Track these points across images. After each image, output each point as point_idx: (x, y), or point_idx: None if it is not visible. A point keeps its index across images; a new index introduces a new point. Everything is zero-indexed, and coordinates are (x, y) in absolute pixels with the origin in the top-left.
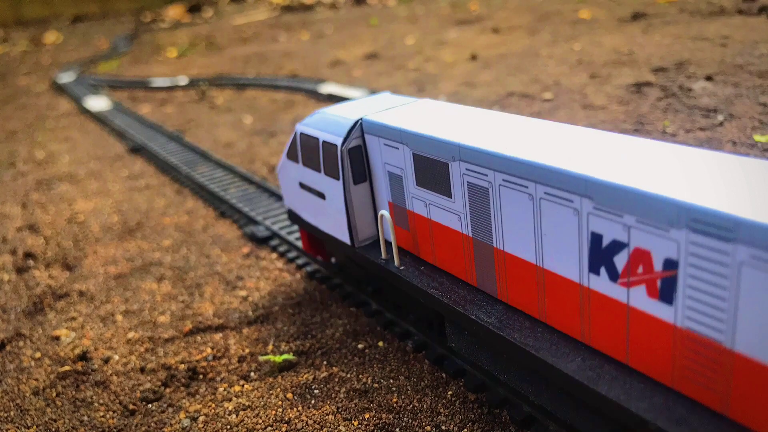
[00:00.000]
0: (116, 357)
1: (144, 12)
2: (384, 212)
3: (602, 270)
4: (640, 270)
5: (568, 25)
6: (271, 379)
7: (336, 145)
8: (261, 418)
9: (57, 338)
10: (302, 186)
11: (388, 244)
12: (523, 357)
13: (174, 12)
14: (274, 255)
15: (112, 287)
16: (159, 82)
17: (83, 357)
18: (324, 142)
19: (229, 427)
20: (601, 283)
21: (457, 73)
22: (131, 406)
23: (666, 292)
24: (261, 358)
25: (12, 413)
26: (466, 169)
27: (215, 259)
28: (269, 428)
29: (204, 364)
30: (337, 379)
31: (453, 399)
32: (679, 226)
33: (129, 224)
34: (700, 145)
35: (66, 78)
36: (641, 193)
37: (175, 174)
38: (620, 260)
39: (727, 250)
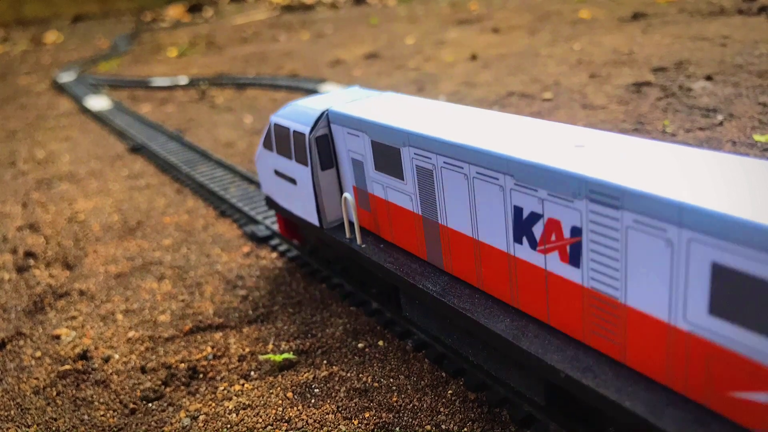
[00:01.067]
0: (116, 356)
1: (144, 12)
2: (347, 195)
3: (524, 239)
4: (553, 238)
5: (568, 25)
6: (271, 378)
7: (304, 134)
8: (261, 417)
9: (57, 337)
10: (277, 173)
11: (353, 225)
12: (461, 320)
13: (174, 12)
14: (275, 254)
15: (112, 286)
16: (159, 81)
17: (83, 356)
18: (294, 131)
19: (229, 426)
20: (523, 251)
21: (456, 72)
22: (131, 405)
23: (574, 256)
24: (261, 357)
25: (12, 412)
26: (415, 154)
27: (215, 258)
28: (269, 427)
29: (204, 363)
30: (337, 378)
31: (453, 398)
32: (580, 197)
33: (129, 223)
34: (700, 145)
35: (66, 77)
36: (550, 169)
37: (176, 173)
38: (537, 230)
39: (617, 216)
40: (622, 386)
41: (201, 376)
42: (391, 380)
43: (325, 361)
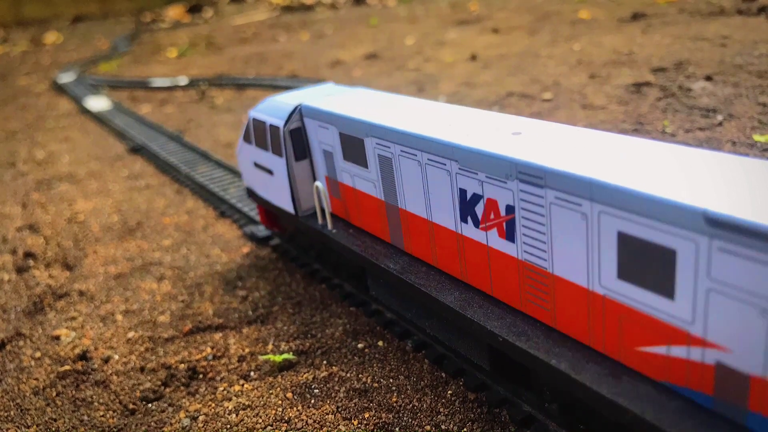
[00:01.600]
0: (116, 356)
1: (144, 12)
2: (318, 184)
3: (469, 218)
4: (492, 216)
5: (567, 25)
6: (270, 379)
7: (279, 127)
8: (261, 417)
9: (57, 338)
10: (256, 165)
11: (325, 212)
12: (417, 295)
13: (174, 12)
14: (274, 255)
15: (112, 287)
16: (159, 82)
17: (83, 356)
18: (270, 125)
19: (229, 426)
20: (469, 230)
21: (456, 73)
22: (131, 406)
23: (509, 232)
24: (261, 358)
25: (12, 413)
26: (376, 143)
27: (215, 258)
28: (269, 428)
29: (204, 363)
30: (336, 379)
31: (453, 398)
32: (512, 178)
33: (129, 224)
34: (700, 145)
35: (66, 78)
36: (487, 153)
37: (175, 174)
38: (479, 209)
39: (541, 194)
40: (550, 347)
41: (201, 376)
42: (391, 380)
43: (324, 362)
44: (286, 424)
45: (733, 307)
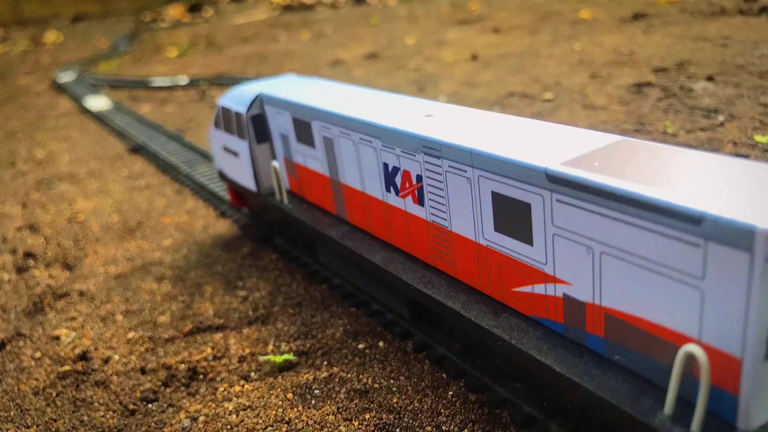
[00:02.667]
0: (116, 357)
1: (144, 11)
2: (275, 163)
3: (391, 188)
4: (407, 185)
5: (568, 25)
6: (271, 379)
7: (243, 114)
8: (261, 418)
9: (57, 338)
10: (225, 149)
11: (283, 190)
12: (353, 256)
13: (174, 11)
14: (275, 255)
15: (112, 287)
16: (159, 81)
17: (83, 357)
18: (235, 111)
19: (229, 427)
20: (392, 198)
21: (457, 73)
22: (131, 406)
23: (420, 198)
24: (261, 358)
25: (12, 413)
26: (321, 126)
27: (215, 258)
28: (269, 428)
29: (204, 364)
30: (337, 380)
31: (453, 399)
32: (419, 151)
33: (129, 224)
34: (701, 146)
35: (66, 77)
36: (400, 131)
37: (176, 174)
38: (398, 180)
39: (439, 164)
40: (449, 293)
41: (201, 377)
42: (392, 381)
43: (325, 362)
44: (286, 425)
45: (570, 247)
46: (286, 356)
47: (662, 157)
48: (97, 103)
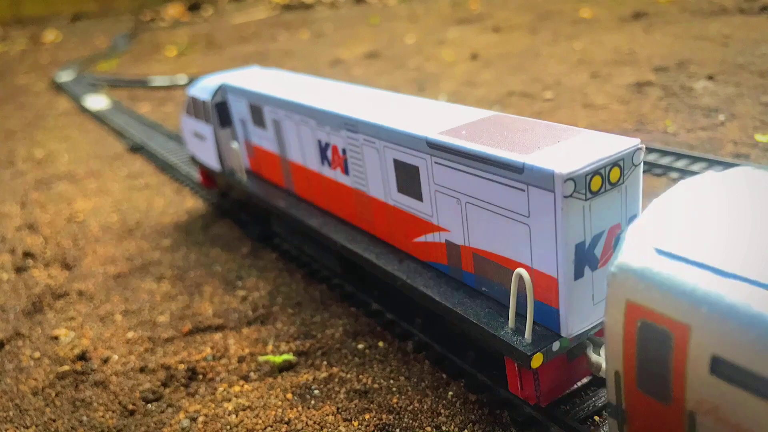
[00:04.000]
0: (115, 357)
1: (143, 10)
2: (234, 145)
3: (325, 161)
4: (336, 158)
5: (568, 24)
6: (270, 380)
7: (208, 101)
8: (260, 418)
9: (56, 338)
10: (194, 134)
11: (243, 169)
12: (296, 223)
13: (173, 10)
14: (274, 255)
15: (111, 287)
16: (158, 81)
17: (82, 357)
18: (202, 100)
19: (228, 427)
20: (326, 170)
21: (457, 72)
22: (130, 406)
23: (345, 168)
24: (261, 359)
25: (11, 413)
26: (270, 110)
27: (215, 258)
28: (269, 428)
29: (203, 364)
30: (337, 380)
31: (454, 400)
32: (342, 128)
33: (128, 223)
34: (702, 145)
35: (65, 77)
36: (328, 112)
37: (175, 173)
38: (329, 154)
39: (357, 138)
40: (367, 247)
41: (200, 377)
42: (392, 381)
43: (325, 362)
44: (286, 425)
45: (447, 201)
46: (285, 356)
47: (516, 127)
48: (96, 102)
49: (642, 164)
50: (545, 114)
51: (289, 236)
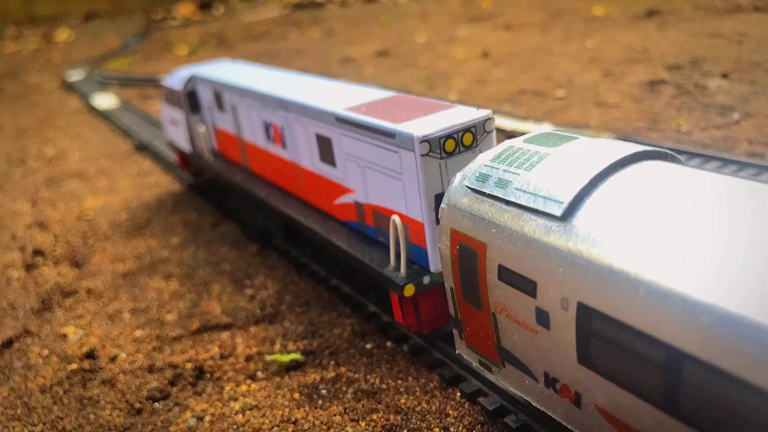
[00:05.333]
0: (123, 355)
1: (155, 9)
2: (201, 129)
3: (269, 139)
4: (276, 134)
5: (581, 22)
6: (278, 379)
7: (180, 91)
8: (267, 418)
9: (64, 336)
10: (171, 120)
11: (210, 151)
12: (250, 195)
13: (185, 9)
14: (277, 254)
15: (119, 285)
16: None
17: (90, 355)
18: (175, 89)
19: (235, 426)
20: (270, 147)
21: (468, 70)
22: (137, 405)
23: (284, 144)
24: (268, 358)
25: (19, 411)
26: (228, 96)
27: (223, 257)
28: (276, 428)
29: (211, 363)
30: (344, 380)
31: (462, 400)
32: (279, 108)
33: (138, 222)
34: (716, 144)
35: (77, 76)
36: (268, 94)
37: (181, 172)
38: (271, 131)
39: (291, 116)
40: (300, 211)
41: (208, 376)
42: (400, 382)
43: (332, 362)
44: (293, 425)
45: (352, 166)
46: (293, 356)
47: (405, 104)
48: (107, 101)
49: (494, 131)
50: (557, 112)
51: (246, 207)
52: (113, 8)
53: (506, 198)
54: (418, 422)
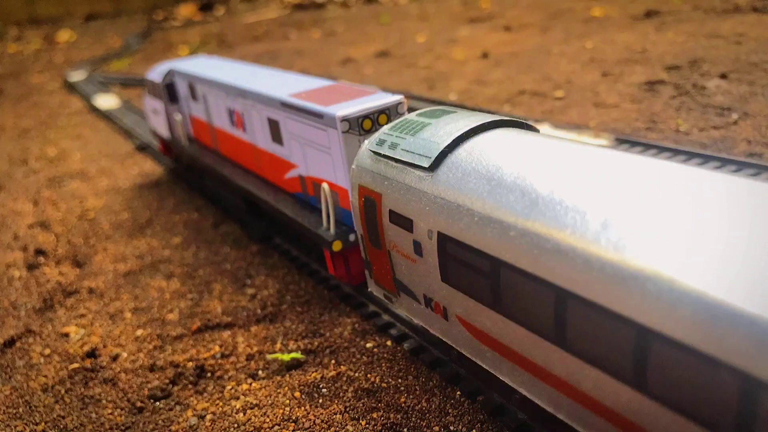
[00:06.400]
0: (125, 354)
1: (156, 10)
2: (178, 116)
3: (232, 123)
4: (238, 119)
5: (580, 22)
6: (278, 378)
7: (159, 83)
8: (268, 416)
9: (66, 335)
10: (153, 110)
11: (186, 137)
12: (216, 174)
13: (186, 10)
14: (281, 254)
15: (121, 284)
16: None
17: (92, 354)
18: (156, 82)
19: (236, 425)
20: (235, 131)
21: (468, 71)
22: (139, 404)
23: (244, 127)
24: (269, 357)
25: (21, 410)
26: (200, 86)
27: (224, 256)
28: (276, 427)
29: (212, 362)
30: (345, 378)
31: (462, 399)
32: (238, 96)
33: (139, 221)
34: (714, 144)
35: (78, 76)
36: (229, 84)
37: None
38: (234, 117)
39: (249, 103)
40: (258, 186)
41: (209, 375)
42: (400, 380)
43: (333, 361)
44: (293, 424)
45: (295, 144)
46: (293, 355)
47: (339, 91)
48: (108, 101)
49: (406, 113)
50: (556, 113)
51: (215, 186)
52: (115, 9)
53: (394, 157)
54: (418, 421)
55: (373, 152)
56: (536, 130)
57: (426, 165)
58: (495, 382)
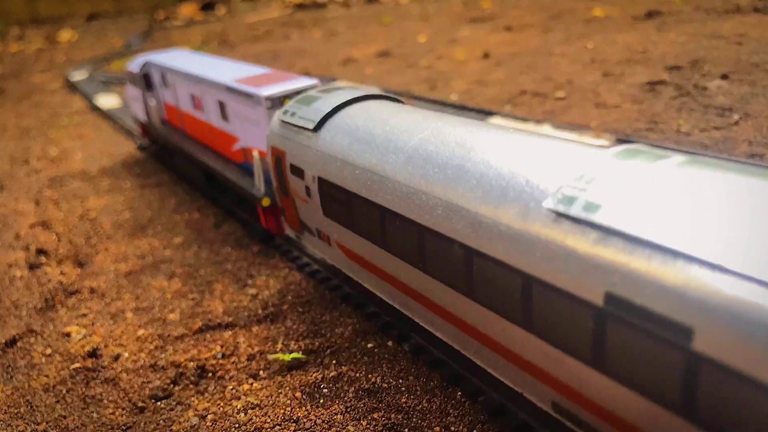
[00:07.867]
0: (126, 354)
1: (158, 10)
2: (153, 102)
3: (198, 108)
4: (197, 103)
5: (581, 23)
6: (280, 378)
7: (138, 73)
8: (269, 417)
9: (68, 335)
10: (133, 98)
11: (160, 121)
12: (182, 152)
13: (187, 10)
14: (282, 254)
15: (122, 284)
16: None
17: (93, 354)
18: (135, 72)
19: (237, 425)
20: (196, 113)
21: (469, 71)
22: (140, 404)
23: (202, 108)
24: (270, 357)
25: (22, 409)
26: (170, 76)
27: (225, 256)
28: (277, 427)
29: (213, 362)
30: (346, 379)
31: (462, 399)
32: (196, 83)
33: (140, 221)
34: (716, 144)
35: (80, 76)
36: (192, 74)
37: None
38: (195, 101)
39: (205, 88)
40: (213, 159)
41: (210, 375)
42: (401, 381)
43: (334, 361)
44: (294, 424)
45: (237, 120)
46: (294, 355)
47: (273, 77)
48: (110, 101)
49: None
50: (557, 113)
51: (182, 164)
52: (116, 9)
53: (293, 123)
54: (419, 421)
55: (281, 120)
56: (402, 102)
57: (311, 127)
58: (495, 382)
